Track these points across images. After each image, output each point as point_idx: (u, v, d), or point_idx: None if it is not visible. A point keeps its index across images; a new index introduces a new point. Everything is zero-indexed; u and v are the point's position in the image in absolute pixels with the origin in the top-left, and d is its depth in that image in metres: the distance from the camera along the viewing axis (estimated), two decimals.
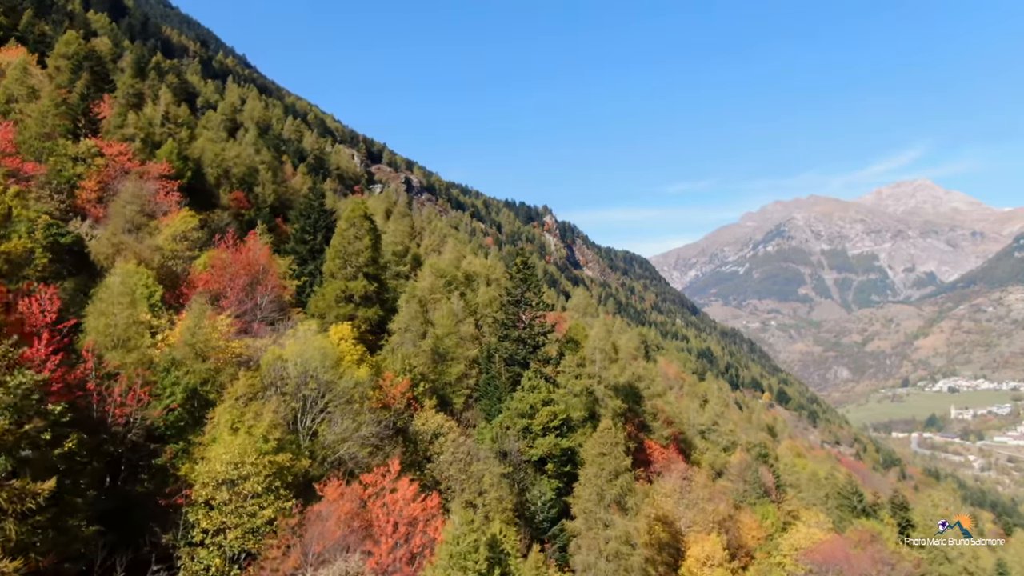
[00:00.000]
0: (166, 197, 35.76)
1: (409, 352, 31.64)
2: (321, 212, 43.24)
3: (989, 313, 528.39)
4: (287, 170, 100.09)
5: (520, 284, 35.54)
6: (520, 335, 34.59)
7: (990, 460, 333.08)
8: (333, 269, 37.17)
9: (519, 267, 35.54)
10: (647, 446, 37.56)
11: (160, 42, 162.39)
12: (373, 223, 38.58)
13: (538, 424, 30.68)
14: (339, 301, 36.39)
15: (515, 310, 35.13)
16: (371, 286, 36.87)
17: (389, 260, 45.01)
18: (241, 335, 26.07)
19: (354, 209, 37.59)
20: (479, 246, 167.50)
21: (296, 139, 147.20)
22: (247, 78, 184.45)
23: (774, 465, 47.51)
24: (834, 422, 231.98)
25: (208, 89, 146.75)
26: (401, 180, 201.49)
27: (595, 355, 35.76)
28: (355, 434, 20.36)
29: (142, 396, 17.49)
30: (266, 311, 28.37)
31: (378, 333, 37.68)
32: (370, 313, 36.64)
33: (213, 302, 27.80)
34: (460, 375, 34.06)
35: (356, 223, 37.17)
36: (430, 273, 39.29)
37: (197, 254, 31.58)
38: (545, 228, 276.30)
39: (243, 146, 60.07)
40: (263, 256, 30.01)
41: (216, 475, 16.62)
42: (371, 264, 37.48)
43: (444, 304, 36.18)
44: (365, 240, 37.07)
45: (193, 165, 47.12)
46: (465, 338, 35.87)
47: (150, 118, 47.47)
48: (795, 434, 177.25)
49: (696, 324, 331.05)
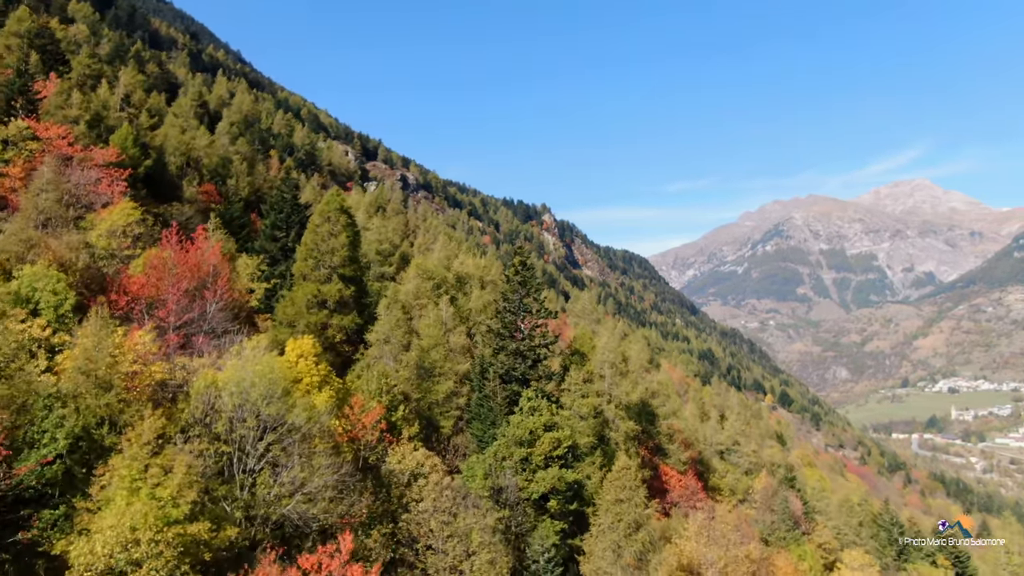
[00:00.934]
0: (110, 187, 30.87)
1: (388, 369, 26.85)
2: (294, 206, 38.35)
3: (989, 313, 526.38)
4: (272, 164, 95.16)
5: (518, 288, 30.76)
6: (518, 347, 29.84)
7: (992, 462, 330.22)
8: (305, 270, 32.36)
9: (517, 268, 30.74)
10: (663, 472, 32.89)
11: (148, 34, 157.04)
12: (351, 218, 33.77)
13: (539, 454, 25.97)
14: (310, 307, 31.59)
15: (512, 318, 30.36)
16: (347, 290, 32.07)
17: (373, 260, 40.19)
18: (179, 353, 21.28)
19: (329, 202, 32.76)
20: (476, 244, 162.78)
21: (286, 134, 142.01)
22: (239, 72, 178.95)
23: (801, 490, 42.94)
24: (837, 425, 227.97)
25: (195, 82, 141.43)
26: (397, 177, 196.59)
27: (604, 369, 31.03)
28: (305, 486, 15.61)
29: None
30: (215, 321, 23.54)
31: (357, 342, 32.95)
32: (346, 321, 31.87)
33: (148, 311, 23.02)
34: (449, 393, 29.32)
35: (331, 218, 32.35)
36: (416, 275, 34.44)
37: (139, 253, 26.73)
38: (544, 227, 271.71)
39: (216, 135, 55.01)
40: (213, 255, 25.15)
41: (95, 560, 11.79)
42: (348, 264, 32.69)
43: (431, 311, 31.41)
44: (341, 237, 32.26)
45: (155, 154, 42.26)
46: (455, 350, 31.08)
47: (104, 101, 42.44)
48: (799, 438, 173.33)
49: (696, 324, 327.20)
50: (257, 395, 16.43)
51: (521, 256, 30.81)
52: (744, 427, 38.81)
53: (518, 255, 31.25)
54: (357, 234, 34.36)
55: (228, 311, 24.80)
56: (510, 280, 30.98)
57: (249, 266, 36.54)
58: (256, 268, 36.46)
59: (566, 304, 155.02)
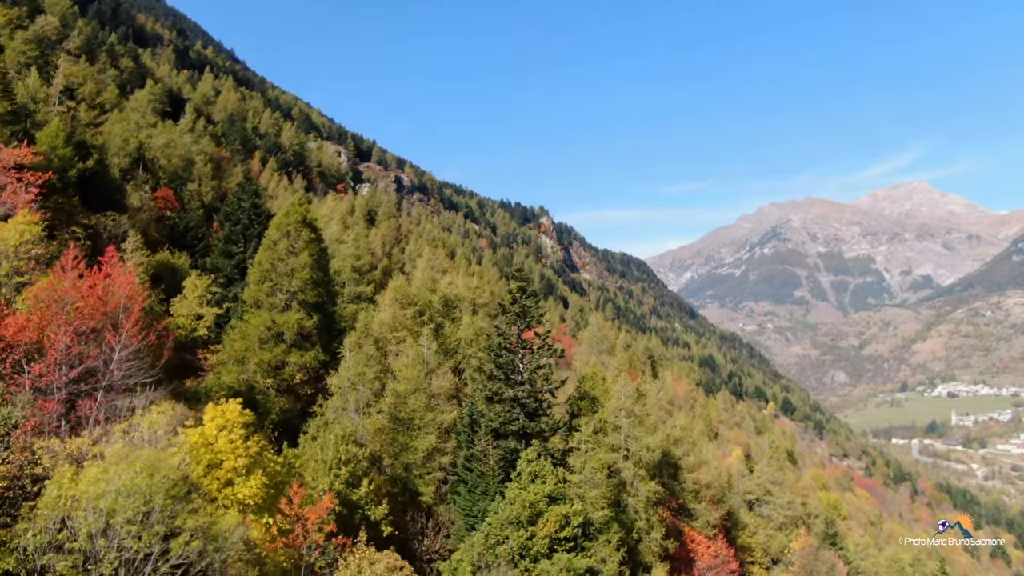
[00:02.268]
0: (13, 196, 25.05)
1: (353, 424, 21.15)
2: (254, 215, 32.49)
3: (987, 317, 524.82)
4: (254, 166, 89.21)
5: (516, 320, 25.07)
6: (516, 394, 24.15)
7: (993, 469, 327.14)
8: (258, 296, 26.60)
9: (515, 296, 25.04)
10: (688, 537, 27.36)
11: (132, 29, 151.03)
12: (316, 232, 27.99)
13: (543, 535, 20.34)
14: (264, 341, 25.86)
15: (509, 358, 24.67)
16: (310, 319, 26.38)
17: (349, 278, 34.44)
18: (55, 429, 15.53)
19: (289, 213, 27.00)
20: (472, 249, 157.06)
21: (274, 133, 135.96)
22: (227, 69, 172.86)
23: (843, 548, 37.52)
24: (840, 433, 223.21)
25: (179, 79, 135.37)
26: (391, 179, 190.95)
27: (620, 418, 25.35)
28: None
29: None
30: (120, 374, 17.73)
31: (321, 383, 27.27)
32: (307, 357, 26.15)
33: (27, 361, 17.32)
34: (430, 450, 23.65)
35: (291, 233, 26.60)
36: (393, 300, 28.69)
37: (38, 278, 20.95)
38: (542, 229, 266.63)
39: (176, 133, 49.00)
40: (124, 284, 19.28)
41: None
42: (312, 288, 27.00)
43: (410, 346, 25.72)
44: (303, 256, 26.53)
45: (97, 154, 36.47)
46: (439, 396, 25.37)
47: (34, 92, 36.47)
48: (804, 448, 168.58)
49: (695, 328, 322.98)
50: (123, 519, 10.80)
51: (520, 281, 25.09)
52: (778, 472, 33.49)
53: (516, 279, 25.54)
54: (324, 251, 28.66)
55: (141, 358, 19.05)
56: (506, 310, 25.26)
57: (198, 287, 30.79)
58: (205, 290, 30.70)
59: (565, 312, 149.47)
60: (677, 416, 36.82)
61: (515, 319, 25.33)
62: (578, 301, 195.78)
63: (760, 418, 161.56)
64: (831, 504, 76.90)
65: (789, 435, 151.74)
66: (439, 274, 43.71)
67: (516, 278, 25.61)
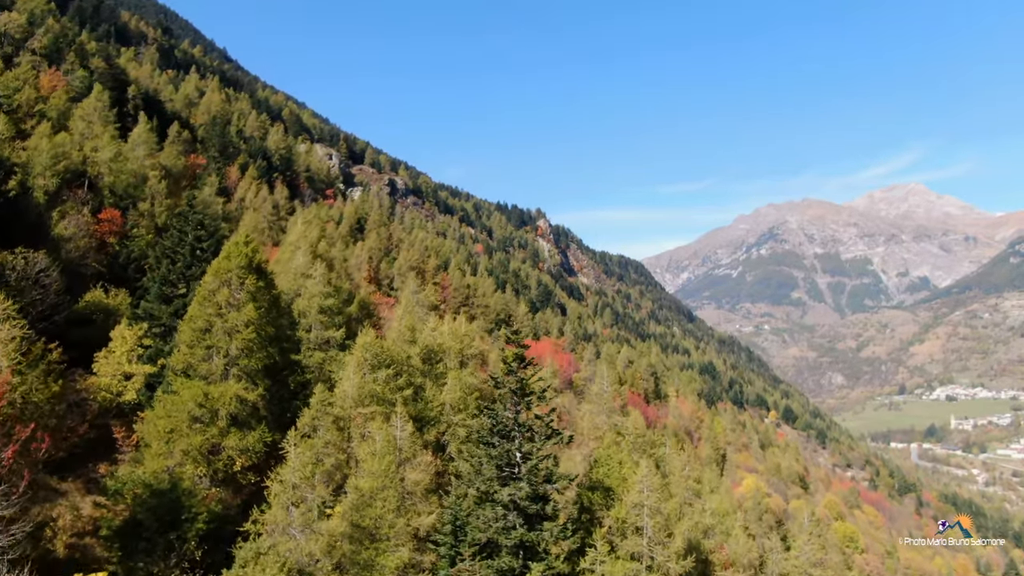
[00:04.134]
0: None
1: (297, 553, 15.76)
2: (198, 250, 26.82)
3: (985, 320, 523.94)
4: (231, 174, 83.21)
5: (513, 397, 19.76)
6: (512, 495, 18.84)
7: (994, 475, 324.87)
8: (190, 360, 21.17)
9: (511, 367, 19.67)
10: None
11: (115, 28, 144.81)
12: (265, 276, 22.43)
13: None
14: (195, 420, 20.44)
15: (504, 448, 19.35)
16: (254, 391, 20.90)
17: (315, 321, 28.95)
18: None
19: (230, 255, 21.42)
20: (468, 256, 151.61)
21: (259, 137, 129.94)
22: (215, 69, 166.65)
23: None
24: (843, 442, 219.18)
25: (160, 80, 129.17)
26: (384, 182, 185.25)
27: (642, 516, 19.90)
28: None
29: None
30: None
31: (268, 468, 21.81)
32: (250, 440, 20.69)
33: None
34: (402, 567, 18.30)
35: (231, 281, 21.12)
36: (359, 365, 22.87)
37: None
38: (538, 233, 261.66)
39: (129, 145, 43.11)
40: None
41: None
42: (259, 350, 21.55)
43: (379, 427, 20.25)
44: (247, 309, 21.05)
45: (20, 174, 30.85)
46: (415, 493, 19.93)
47: None
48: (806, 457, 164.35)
49: (693, 332, 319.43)
50: None
51: (515, 349, 19.69)
52: (820, 552, 28.11)
53: (511, 340, 20.16)
54: (277, 300, 23.14)
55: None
56: (500, 384, 19.87)
57: (127, 339, 25.31)
58: (137, 342, 25.24)
59: (564, 321, 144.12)
60: (708, 499, 31.40)
61: (511, 396, 19.97)
62: (576, 308, 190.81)
63: (764, 430, 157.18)
64: (848, 537, 72.41)
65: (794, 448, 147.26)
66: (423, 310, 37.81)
67: (511, 340, 20.25)
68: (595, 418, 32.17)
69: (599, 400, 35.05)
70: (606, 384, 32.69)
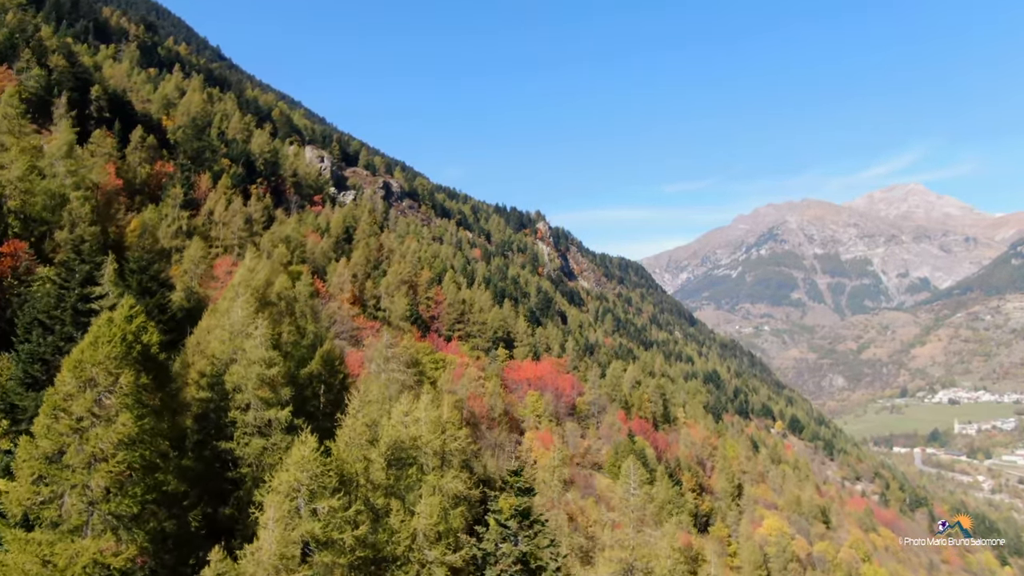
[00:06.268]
0: None
1: None
2: (79, 313, 19.44)
3: (987, 321, 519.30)
4: (202, 183, 75.86)
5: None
6: None
7: (1000, 482, 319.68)
8: (32, 504, 14.22)
9: (507, 527, 13.08)
10: None
11: (95, 24, 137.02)
12: (156, 363, 15.63)
13: None
14: None
15: None
16: (122, 553, 14.01)
17: (253, 397, 22.17)
18: None
19: (95, 342, 14.42)
20: (465, 263, 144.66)
21: (243, 140, 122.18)
22: (202, 68, 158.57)
23: None
24: (851, 454, 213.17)
25: (138, 79, 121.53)
26: (379, 185, 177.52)
27: None
28: None
29: None
30: None
31: None
32: None
33: None
34: None
35: (99, 378, 14.16)
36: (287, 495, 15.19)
37: None
38: (538, 235, 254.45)
39: (46, 159, 35.85)
40: None
41: None
42: (138, 481, 14.57)
43: None
44: (121, 420, 14.16)
45: None
46: None
47: None
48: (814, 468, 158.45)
49: (695, 336, 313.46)
50: None
51: (517, 487, 13.09)
52: None
53: (509, 485, 13.53)
54: (173, 397, 16.26)
55: None
56: (491, 558, 13.27)
57: None
58: None
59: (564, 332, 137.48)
60: None
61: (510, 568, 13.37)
62: (577, 316, 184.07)
63: (773, 444, 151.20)
64: None
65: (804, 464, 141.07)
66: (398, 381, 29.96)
67: (509, 485, 13.64)
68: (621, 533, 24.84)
69: (624, 509, 27.60)
70: (633, 485, 25.64)
